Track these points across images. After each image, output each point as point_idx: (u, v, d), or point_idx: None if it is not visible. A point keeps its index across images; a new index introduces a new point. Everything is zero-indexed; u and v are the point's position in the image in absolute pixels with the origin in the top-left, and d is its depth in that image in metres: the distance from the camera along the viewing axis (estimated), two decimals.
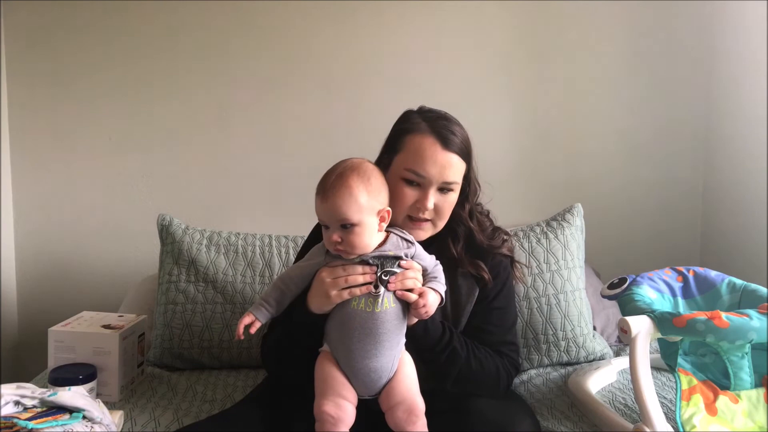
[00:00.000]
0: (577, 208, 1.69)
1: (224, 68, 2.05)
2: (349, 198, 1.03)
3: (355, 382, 1.05)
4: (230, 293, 1.61)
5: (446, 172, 1.15)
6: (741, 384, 1.16)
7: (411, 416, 1.01)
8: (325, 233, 1.07)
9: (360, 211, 1.03)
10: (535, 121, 2.11)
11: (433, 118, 1.19)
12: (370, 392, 1.05)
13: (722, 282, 1.34)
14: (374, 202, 1.05)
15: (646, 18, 2.08)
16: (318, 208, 1.06)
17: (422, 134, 1.16)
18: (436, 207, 1.16)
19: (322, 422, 1.01)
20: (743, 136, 1.93)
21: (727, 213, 2.02)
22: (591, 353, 1.56)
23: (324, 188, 1.05)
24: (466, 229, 1.24)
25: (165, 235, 1.68)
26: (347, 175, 1.05)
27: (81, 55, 2.03)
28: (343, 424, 1.00)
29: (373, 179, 1.07)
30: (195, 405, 1.37)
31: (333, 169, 1.07)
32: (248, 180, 2.09)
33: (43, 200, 2.07)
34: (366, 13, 2.05)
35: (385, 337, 1.04)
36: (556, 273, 1.59)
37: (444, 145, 1.15)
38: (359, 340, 1.04)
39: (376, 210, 1.06)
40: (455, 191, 1.19)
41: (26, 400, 1.09)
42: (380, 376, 1.04)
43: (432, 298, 1.06)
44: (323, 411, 1.01)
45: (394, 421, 1.02)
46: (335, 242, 1.04)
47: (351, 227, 1.03)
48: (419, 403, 1.03)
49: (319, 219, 1.07)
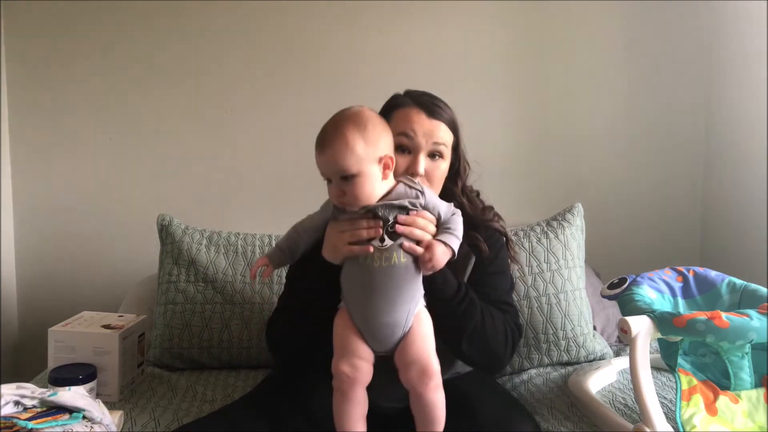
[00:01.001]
0: (578, 207, 1.69)
1: (224, 68, 2.05)
2: (345, 148, 1.00)
3: (369, 338, 1.03)
4: (230, 293, 1.61)
5: (434, 134, 1.17)
6: (741, 384, 1.16)
7: (424, 377, 1.00)
8: (328, 187, 1.05)
9: (358, 161, 1.00)
10: (535, 121, 2.11)
11: (418, 95, 1.23)
12: (384, 348, 1.03)
13: (722, 282, 1.34)
14: (373, 150, 1.02)
15: (646, 18, 2.08)
16: (317, 161, 1.04)
17: (408, 107, 1.20)
18: (427, 174, 1.17)
19: (339, 381, 1.01)
20: (743, 136, 1.93)
21: (727, 213, 2.02)
22: (591, 353, 1.56)
23: (321, 140, 1.03)
24: (458, 206, 1.25)
25: (165, 235, 1.68)
26: (343, 124, 1.02)
27: (81, 55, 2.03)
28: (358, 383, 1.01)
29: (370, 126, 1.03)
30: (195, 405, 1.37)
31: (331, 120, 1.05)
32: (248, 180, 2.09)
33: (43, 200, 2.07)
34: (366, 13, 2.05)
35: (397, 293, 1.01)
36: (556, 272, 1.59)
37: (429, 114, 1.18)
38: (371, 296, 1.01)
39: (377, 158, 1.02)
40: (445, 159, 1.20)
41: (26, 400, 1.09)
42: (393, 332, 1.02)
43: (440, 251, 1.03)
44: (340, 370, 1.01)
45: (408, 380, 1.01)
46: (338, 195, 1.02)
47: (351, 178, 1.00)
48: (434, 364, 1.01)
49: (321, 173, 1.05)
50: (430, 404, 1.00)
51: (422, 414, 1.00)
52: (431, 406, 1.00)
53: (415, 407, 1.01)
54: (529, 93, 2.10)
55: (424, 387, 1.00)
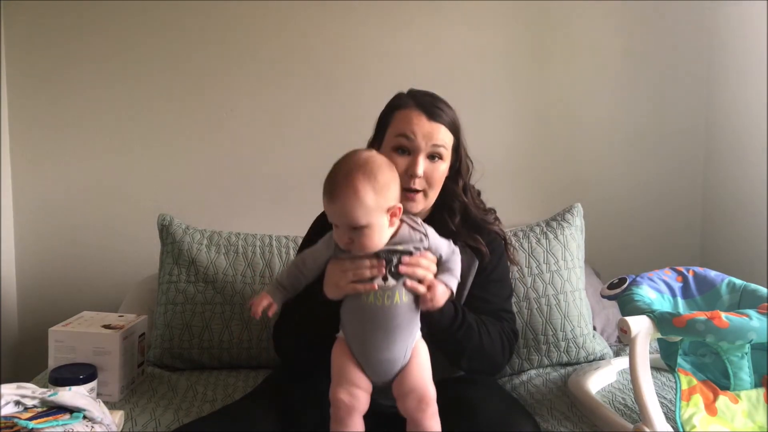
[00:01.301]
0: (577, 208, 1.69)
1: (225, 68, 2.05)
2: (356, 201, 0.99)
3: (368, 371, 1.05)
4: (230, 293, 1.61)
5: (434, 136, 1.19)
6: (741, 384, 1.16)
7: (421, 404, 1.02)
8: (335, 230, 1.05)
9: (368, 213, 1.00)
10: (535, 121, 2.11)
11: (419, 95, 1.25)
12: (382, 380, 1.05)
13: (722, 282, 1.34)
14: (382, 201, 1.02)
15: (646, 18, 2.08)
16: (326, 208, 1.04)
17: (409, 108, 1.21)
18: (426, 175, 1.19)
19: (336, 408, 1.03)
20: (743, 136, 1.93)
21: (727, 213, 2.02)
22: (591, 353, 1.56)
23: (331, 189, 1.02)
24: (461, 204, 1.29)
25: (165, 235, 1.68)
26: (353, 175, 1.01)
27: (81, 55, 2.03)
28: (356, 411, 1.02)
29: (380, 176, 1.02)
30: (195, 405, 1.37)
31: (339, 167, 1.04)
32: (248, 180, 2.09)
33: (43, 200, 2.07)
34: (366, 13, 2.05)
35: (398, 331, 1.03)
36: (555, 273, 1.59)
37: (429, 117, 1.20)
38: (372, 332, 1.03)
39: (386, 209, 1.02)
40: (444, 160, 1.22)
41: (27, 400, 1.09)
42: (393, 366, 1.04)
43: (440, 291, 1.05)
44: (338, 398, 1.02)
45: (405, 408, 1.02)
46: (346, 243, 1.03)
47: (361, 229, 1.01)
48: (431, 392, 1.03)
49: (329, 218, 1.04)
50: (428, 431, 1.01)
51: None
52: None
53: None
54: (530, 93, 2.10)
55: (422, 414, 1.01)
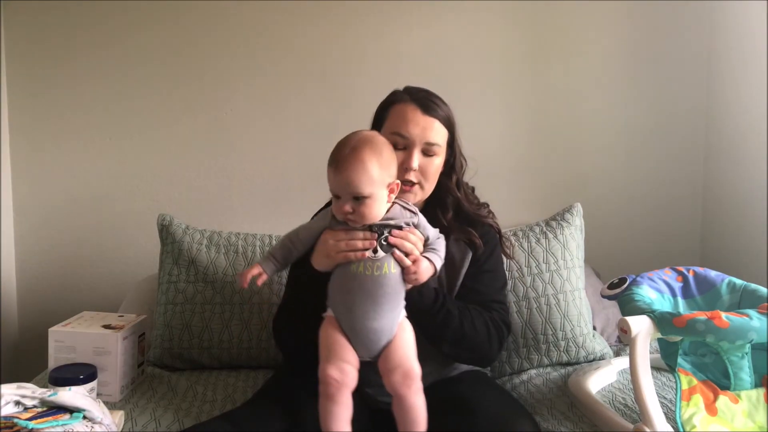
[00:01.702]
0: (577, 207, 1.69)
1: (225, 68, 2.05)
2: (363, 171, 1.05)
3: (356, 344, 1.08)
4: (230, 293, 1.61)
5: (427, 133, 1.22)
6: (741, 384, 1.16)
7: (407, 380, 1.05)
8: (335, 202, 1.10)
9: (372, 184, 1.06)
10: (535, 120, 2.11)
11: (415, 91, 1.28)
12: (370, 354, 1.09)
13: (722, 282, 1.34)
14: (385, 175, 1.08)
15: (646, 17, 2.08)
16: (331, 179, 1.08)
17: (404, 103, 1.25)
18: (421, 168, 1.23)
19: (326, 385, 1.04)
20: (743, 135, 1.93)
21: (727, 213, 2.02)
22: (591, 353, 1.56)
23: (338, 160, 1.07)
24: (454, 199, 1.32)
25: (165, 234, 1.68)
26: (361, 148, 1.07)
27: (81, 55, 2.03)
28: (345, 386, 1.04)
29: (384, 152, 1.09)
30: (195, 405, 1.37)
31: (346, 141, 1.10)
32: (248, 180, 2.09)
33: (43, 200, 2.07)
34: (367, 13, 2.05)
35: (385, 300, 1.08)
36: (555, 273, 1.59)
37: (424, 111, 1.23)
38: (361, 302, 1.07)
39: (387, 183, 1.09)
40: (439, 155, 1.25)
41: (26, 400, 1.09)
42: (380, 338, 1.08)
43: (425, 266, 1.11)
44: (328, 374, 1.04)
45: (391, 383, 1.06)
46: (346, 212, 1.07)
47: (363, 199, 1.06)
48: (416, 369, 1.06)
49: (331, 189, 1.09)
50: (413, 407, 1.05)
51: (405, 416, 1.05)
52: (413, 408, 1.05)
53: (398, 410, 1.06)
54: (530, 93, 2.10)
55: (407, 389, 1.05)
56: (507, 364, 1.55)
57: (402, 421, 1.05)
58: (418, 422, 1.04)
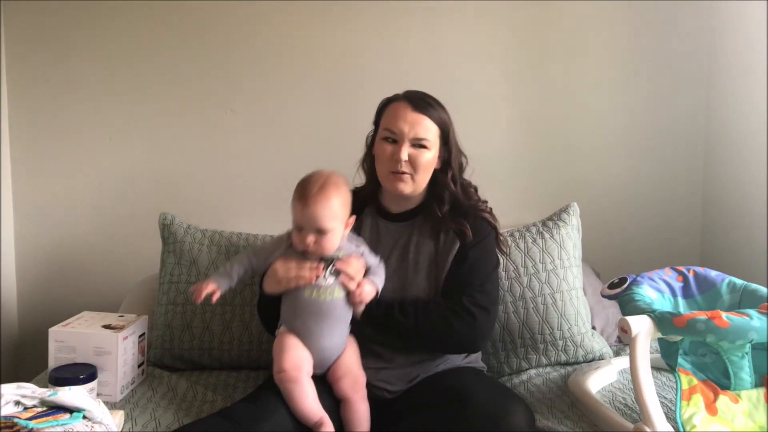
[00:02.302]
0: (573, 206, 1.69)
1: (225, 68, 2.05)
2: (329, 208, 1.20)
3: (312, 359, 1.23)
4: (231, 295, 1.60)
5: (416, 128, 1.31)
6: (741, 384, 1.16)
7: (356, 385, 1.23)
8: (297, 234, 1.23)
9: (335, 219, 1.21)
10: (535, 121, 2.11)
11: (411, 92, 1.37)
12: (322, 369, 1.24)
13: (722, 282, 1.34)
14: (345, 212, 1.24)
15: (646, 17, 2.08)
16: (297, 212, 1.22)
17: (398, 101, 1.36)
18: (411, 159, 1.31)
19: (285, 374, 1.16)
20: (743, 136, 1.93)
21: (727, 213, 2.02)
22: (589, 352, 1.56)
23: (305, 196, 1.21)
24: (450, 194, 1.38)
25: (167, 234, 1.68)
26: (327, 187, 1.21)
27: (81, 55, 2.03)
28: (303, 370, 1.17)
29: (345, 193, 1.25)
30: (195, 405, 1.37)
31: (313, 180, 1.23)
32: (249, 180, 2.08)
33: (43, 200, 2.07)
34: (366, 14, 2.05)
35: (334, 321, 1.23)
36: (552, 272, 1.59)
37: (414, 108, 1.32)
38: (313, 324, 1.22)
39: (345, 219, 1.25)
40: (429, 149, 1.33)
41: (26, 400, 1.09)
42: (332, 354, 1.24)
43: (367, 288, 1.24)
44: (283, 368, 1.17)
45: (342, 389, 1.22)
46: (309, 243, 1.21)
47: (325, 232, 1.20)
48: (362, 376, 1.25)
49: (295, 222, 1.23)
50: (360, 410, 1.21)
51: (352, 417, 1.20)
52: (360, 411, 1.21)
53: (346, 413, 1.21)
54: (530, 93, 2.10)
55: (355, 394, 1.22)
56: (505, 364, 1.55)
57: (349, 422, 1.20)
58: (363, 423, 1.20)
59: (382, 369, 1.30)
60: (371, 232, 1.40)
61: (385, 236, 1.39)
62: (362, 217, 1.41)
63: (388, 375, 1.30)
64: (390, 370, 1.30)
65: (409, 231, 1.38)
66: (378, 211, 1.42)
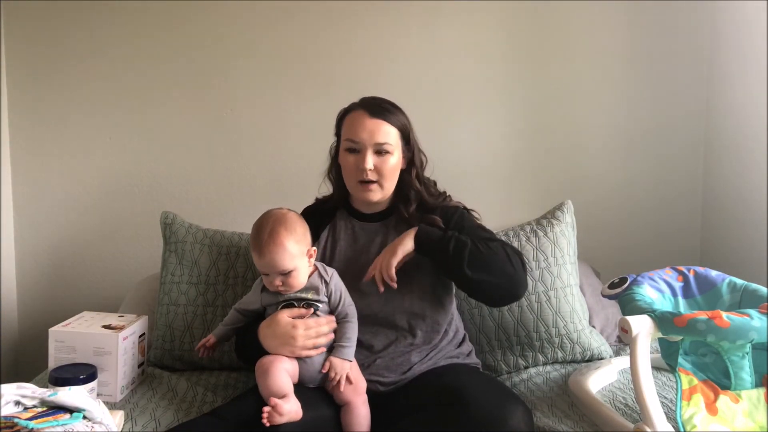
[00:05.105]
0: (567, 204, 1.69)
1: (225, 68, 2.05)
2: (283, 252, 1.21)
3: (302, 378, 1.24)
4: (231, 296, 1.60)
5: (376, 135, 1.33)
6: (741, 384, 1.16)
7: (357, 389, 1.23)
8: (265, 278, 1.26)
9: (293, 259, 1.22)
10: (534, 121, 2.11)
11: (366, 99, 1.41)
12: (315, 383, 1.25)
13: (723, 282, 1.34)
14: (302, 247, 1.24)
15: (645, 17, 2.08)
16: (257, 261, 1.24)
17: (355, 110, 1.38)
18: (376, 168, 1.34)
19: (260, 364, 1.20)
20: (743, 136, 1.93)
21: (727, 213, 2.02)
22: (587, 349, 1.56)
23: (259, 246, 1.22)
24: (416, 193, 1.42)
25: (168, 233, 1.68)
26: (277, 231, 1.22)
27: (81, 55, 2.03)
28: (278, 361, 1.19)
29: (298, 228, 1.25)
30: (195, 406, 1.37)
31: (262, 226, 1.24)
32: (249, 180, 2.08)
33: (43, 200, 2.07)
34: (365, 14, 2.05)
35: (320, 355, 1.24)
36: (545, 270, 1.59)
37: (371, 114, 1.35)
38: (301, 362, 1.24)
39: (305, 252, 1.25)
40: (392, 154, 1.36)
41: (26, 400, 1.09)
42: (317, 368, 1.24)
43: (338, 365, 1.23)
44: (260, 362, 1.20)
45: (343, 393, 1.22)
46: (278, 286, 1.23)
47: (288, 273, 1.22)
48: (362, 382, 1.26)
49: (259, 269, 1.25)
50: (361, 414, 1.22)
51: (353, 420, 1.21)
52: (362, 415, 1.22)
53: (347, 416, 1.22)
54: (529, 93, 2.10)
55: (356, 398, 1.23)
56: (502, 361, 1.56)
57: (349, 424, 1.21)
58: (363, 426, 1.21)
59: (371, 364, 1.30)
60: (346, 233, 1.43)
61: (361, 236, 1.42)
62: (335, 220, 1.45)
63: (378, 367, 1.30)
64: (381, 359, 1.31)
65: (384, 230, 1.42)
66: (350, 213, 1.46)
